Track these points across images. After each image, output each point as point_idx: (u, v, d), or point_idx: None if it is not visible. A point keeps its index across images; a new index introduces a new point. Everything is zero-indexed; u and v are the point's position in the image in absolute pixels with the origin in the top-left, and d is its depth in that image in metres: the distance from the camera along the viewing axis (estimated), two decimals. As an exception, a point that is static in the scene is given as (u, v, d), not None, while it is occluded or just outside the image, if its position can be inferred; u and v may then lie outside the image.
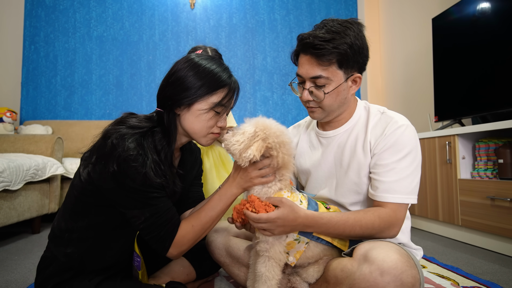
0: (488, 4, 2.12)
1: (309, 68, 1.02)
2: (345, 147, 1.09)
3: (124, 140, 0.88)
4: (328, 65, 0.99)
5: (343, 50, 0.98)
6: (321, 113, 1.08)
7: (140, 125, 0.95)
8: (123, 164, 0.86)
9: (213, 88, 0.98)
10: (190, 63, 1.00)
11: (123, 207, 0.91)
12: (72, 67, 3.71)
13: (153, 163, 0.89)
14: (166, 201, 0.94)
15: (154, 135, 0.96)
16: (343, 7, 4.04)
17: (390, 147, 1.00)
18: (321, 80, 1.01)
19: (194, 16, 3.89)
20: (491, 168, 1.98)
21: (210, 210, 0.98)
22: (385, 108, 1.11)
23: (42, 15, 3.71)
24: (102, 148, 0.90)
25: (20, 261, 1.73)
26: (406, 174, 0.99)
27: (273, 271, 0.93)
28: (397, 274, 0.79)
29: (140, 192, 0.88)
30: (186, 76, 0.98)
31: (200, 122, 1.00)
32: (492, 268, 1.59)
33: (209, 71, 0.99)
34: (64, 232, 0.96)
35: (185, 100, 0.97)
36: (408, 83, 3.44)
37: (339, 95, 1.04)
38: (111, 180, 0.88)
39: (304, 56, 1.03)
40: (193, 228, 0.96)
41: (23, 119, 3.62)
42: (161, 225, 0.91)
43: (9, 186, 1.97)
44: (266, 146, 0.92)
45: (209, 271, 1.30)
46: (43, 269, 0.96)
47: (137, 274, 1.05)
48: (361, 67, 1.05)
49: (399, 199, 0.98)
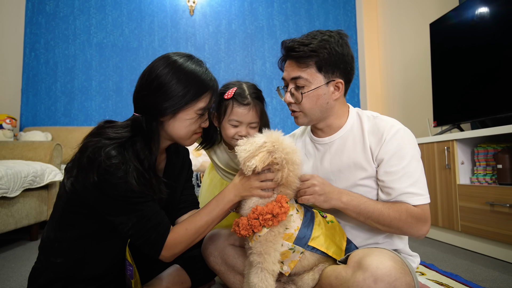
0: (486, 9, 2.12)
1: (290, 70, 1.08)
2: (343, 153, 1.10)
3: (102, 151, 0.85)
4: (306, 67, 1.04)
5: (320, 53, 1.02)
6: (304, 118, 1.10)
7: (118, 136, 0.91)
8: (104, 175, 0.85)
9: (199, 94, 0.96)
10: (172, 67, 0.95)
11: (109, 215, 0.90)
12: (72, 73, 3.73)
13: (135, 172, 0.88)
14: (153, 205, 0.92)
15: (135, 144, 0.93)
16: (341, 13, 4.06)
17: (395, 153, 1.01)
18: (300, 81, 1.05)
19: (193, 22, 3.92)
20: (490, 174, 1.97)
21: (206, 215, 0.98)
22: (377, 113, 1.12)
23: (42, 22, 3.74)
24: (80, 160, 0.88)
25: (17, 269, 1.72)
26: (419, 175, 1.02)
27: (266, 281, 0.92)
28: (390, 281, 0.79)
29: (124, 199, 0.87)
30: (169, 83, 0.93)
31: (186, 128, 0.99)
32: (492, 275, 1.57)
33: (193, 76, 0.96)
34: (53, 242, 0.95)
35: (169, 110, 0.94)
36: (406, 88, 3.44)
37: (319, 98, 1.06)
38: (94, 190, 0.87)
39: (288, 61, 1.10)
40: (186, 231, 0.95)
41: (23, 126, 3.63)
42: (150, 229, 0.90)
43: (7, 193, 1.97)
44: (271, 160, 0.93)
45: (205, 279, 1.28)
46: (34, 279, 0.96)
47: (130, 283, 1.04)
48: (345, 74, 1.08)
49: (422, 200, 1.00)
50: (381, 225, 0.99)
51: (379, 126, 1.06)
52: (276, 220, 0.92)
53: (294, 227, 0.96)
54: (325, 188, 0.99)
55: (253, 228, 0.93)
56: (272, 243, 0.93)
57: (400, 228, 0.98)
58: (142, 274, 1.14)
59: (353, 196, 1.01)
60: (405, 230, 0.99)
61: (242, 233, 0.94)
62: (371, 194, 1.06)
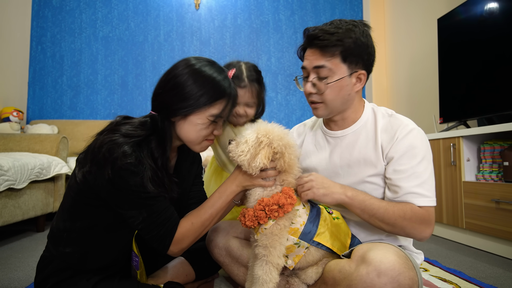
0: (495, 4, 2.09)
1: (313, 59, 1.03)
2: (354, 148, 1.09)
3: (119, 148, 0.86)
4: (332, 56, 1.01)
5: (346, 43, 0.99)
6: (324, 110, 1.07)
7: (135, 134, 0.92)
8: (119, 172, 0.85)
9: (213, 99, 0.96)
10: (190, 69, 0.96)
11: (121, 208, 0.91)
12: (78, 67, 3.75)
13: (150, 171, 0.89)
14: (163, 201, 0.94)
15: (150, 143, 0.94)
16: (348, 8, 4.03)
17: (406, 152, 1.00)
18: (323, 71, 1.02)
19: (198, 16, 3.91)
20: (496, 171, 1.95)
21: (210, 207, 0.99)
22: (393, 111, 1.10)
23: (49, 15, 3.75)
24: (96, 155, 0.88)
25: (24, 259, 1.75)
26: (427, 176, 1.00)
27: (270, 274, 0.92)
28: (394, 275, 0.79)
29: (136, 193, 0.88)
30: (185, 84, 0.94)
31: (196, 132, 0.99)
32: (496, 272, 1.57)
33: (209, 81, 0.96)
34: (62, 232, 0.96)
35: (181, 110, 0.95)
36: (413, 84, 3.41)
37: (341, 89, 1.04)
38: (107, 184, 0.88)
39: (309, 49, 1.06)
40: (193, 226, 0.96)
41: (29, 119, 3.67)
42: (160, 224, 0.91)
43: (14, 184, 1.99)
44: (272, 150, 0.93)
45: (209, 272, 1.30)
46: (42, 268, 0.97)
47: (136, 273, 1.05)
48: (367, 65, 1.06)
49: (428, 202, 0.98)
50: (385, 224, 0.97)
51: (393, 124, 1.05)
52: (282, 211, 0.92)
53: (300, 222, 0.97)
54: (324, 182, 0.98)
55: (259, 219, 0.93)
56: (277, 237, 0.93)
57: (403, 228, 0.96)
58: (147, 266, 1.15)
59: (358, 191, 1.00)
60: (408, 230, 0.97)
61: (247, 224, 0.95)
62: (378, 192, 1.05)
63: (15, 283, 1.40)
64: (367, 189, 1.05)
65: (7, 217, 1.98)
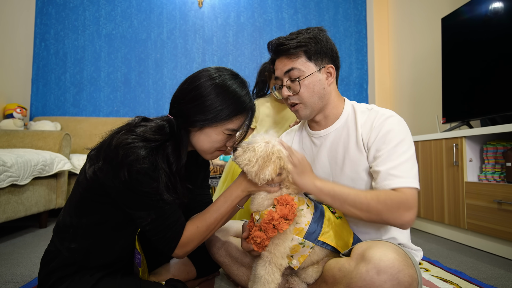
0: (500, 3, 2.08)
1: (282, 65, 1.10)
2: (338, 145, 1.11)
3: (137, 151, 0.86)
4: (297, 57, 1.07)
5: (307, 43, 1.07)
6: (305, 109, 1.11)
7: (153, 138, 0.91)
8: (135, 175, 0.85)
9: (233, 114, 0.96)
10: (214, 82, 0.96)
11: (130, 208, 0.91)
12: (81, 64, 3.76)
13: (165, 176, 0.89)
14: (173, 204, 0.94)
15: (166, 148, 0.94)
16: (351, 7, 4.01)
17: (383, 137, 1.00)
18: (294, 72, 1.07)
19: (202, 14, 3.90)
20: (498, 171, 1.94)
21: (215, 212, 0.99)
22: (373, 106, 1.12)
23: (52, 13, 3.76)
24: (111, 155, 0.87)
25: (27, 255, 1.76)
26: (405, 159, 0.96)
27: (272, 275, 0.93)
28: (393, 273, 0.79)
29: (147, 195, 0.88)
30: (206, 96, 0.94)
31: (210, 143, 0.99)
32: (497, 273, 1.57)
33: (232, 96, 0.96)
34: (68, 228, 0.97)
35: (199, 123, 0.95)
36: (416, 84, 3.40)
37: (315, 85, 1.08)
38: (119, 185, 0.87)
39: (277, 60, 1.12)
40: (198, 229, 0.97)
41: (33, 115, 3.68)
42: (167, 227, 0.92)
43: (17, 181, 2.01)
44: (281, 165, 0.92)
45: (210, 270, 1.30)
46: (46, 263, 0.98)
47: (138, 271, 1.06)
48: (333, 60, 1.11)
49: (404, 183, 0.93)
50: (359, 210, 0.92)
51: (371, 116, 1.07)
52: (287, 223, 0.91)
53: (305, 222, 0.96)
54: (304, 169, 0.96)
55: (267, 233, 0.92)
56: (281, 240, 0.93)
57: (380, 213, 0.91)
58: (149, 263, 1.16)
59: (328, 182, 0.99)
60: (386, 216, 0.91)
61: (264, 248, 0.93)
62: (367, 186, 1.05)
63: (17, 279, 1.42)
64: (358, 185, 1.05)
65: (10, 213, 1.99)
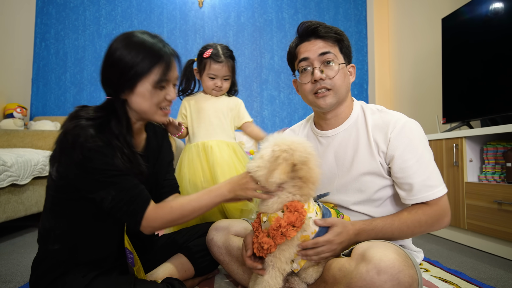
0: (500, 4, 2.08)
1: (317, 48, 1.07)
2: (348, 146, 1.09)
3: (84, 131, 0.88)
4: (333, 45, 1.08)
5: (343, 37, 1.09)
6: (333, 97, 1.07)
7: (95, 116, 0.93)
8: (87, 153, 0.87)
9: (151, 65, 0.95)
10: (123, 41, 0.96)
11: (90, 192, 0.91)
12: (82, 64, 3.76)
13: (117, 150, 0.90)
14: (131, 179, 0.93)
15: (110, 123, 0.95)
16: (352, 7, 4.01)
17: (406, 147, 1.00)
18: (330, 56, 1.06)
19: (202, 14, 3.90)
20: (499, 172, 1.94)
21: (195, 201, 0.98)
22: (383, 107, 1.11)
23: (53, 12, 3.76)
24: (63, 143, 0.90)
25: (26, 255, 1.76)
26: (433, 166, 1.02)
27: (275, 279, 0.92)
28: (394, 273, 0.79)
29: (103, 172, 0.89)
30: (120, 56, 0.94)
31: (147, 101, 0.97)
32: (497, 274, 1.56)
33: (142, 45, 0.95)
34: (49, 232, 0.97)
35: (126, 84, 0.95)
36: (416, 84, 3.40)
37: (346, 76, 1.09)
38: (75, 168, 0.89)
39: (308, 41, 1.08)
40: (171, 209, 0.96)
41: (33, 115, 3.69)
42: (129, 201, 0.91)
43: (17, 180, 2.01)
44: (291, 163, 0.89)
45: (209, 268, 1.30)
46: (35, 268, 0.98)
47: (133, 270, 1.05)
48: (350, 61, 1.13)
49: (439, 193, 0.99)
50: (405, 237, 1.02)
51: (384, 120, 1.05)
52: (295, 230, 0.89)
53: (312, 230, 0.94)
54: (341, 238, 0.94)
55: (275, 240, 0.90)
56: (288, 245, 0.93)
57: (423, 232, 1.00)
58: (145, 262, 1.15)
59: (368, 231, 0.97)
60: (429, 231, 1.01)
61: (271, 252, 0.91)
62: (374, 188, 1.05)
63: (17, 278, 1.42)
64: (364, 184, 1.05)
65: (10, 213, 1.99)
